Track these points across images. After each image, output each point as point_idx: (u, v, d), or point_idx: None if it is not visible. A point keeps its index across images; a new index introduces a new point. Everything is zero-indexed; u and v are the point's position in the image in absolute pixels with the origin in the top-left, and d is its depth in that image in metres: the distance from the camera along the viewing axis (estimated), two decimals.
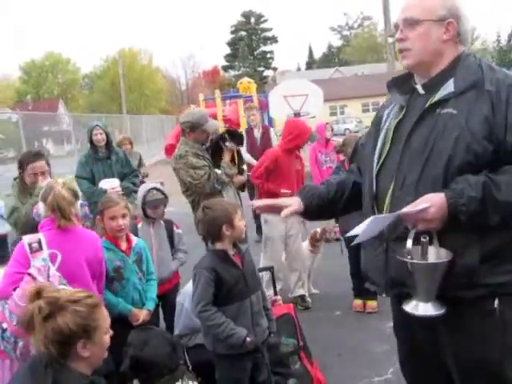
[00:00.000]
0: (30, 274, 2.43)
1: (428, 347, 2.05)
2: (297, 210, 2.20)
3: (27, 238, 2.62)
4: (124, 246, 3.27)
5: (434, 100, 1.86)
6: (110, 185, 4.96)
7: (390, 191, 1.92)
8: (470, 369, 1.92)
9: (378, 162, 2.00)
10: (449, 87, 1.85)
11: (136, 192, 4.89)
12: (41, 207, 2.86)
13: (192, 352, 3.46)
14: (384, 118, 2.07)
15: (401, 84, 2.05)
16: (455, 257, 1.76)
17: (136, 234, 3.57)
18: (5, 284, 2.52)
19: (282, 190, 4.90)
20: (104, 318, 1.79)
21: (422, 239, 1.75)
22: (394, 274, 1.90)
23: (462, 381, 1.96)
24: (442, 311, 1.78)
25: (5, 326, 2.41)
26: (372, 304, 4.74)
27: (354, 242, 1.91)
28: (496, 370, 1.87)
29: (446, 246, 1.78)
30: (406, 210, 1.76)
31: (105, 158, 5.53)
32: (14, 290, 2.41)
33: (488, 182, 1.71)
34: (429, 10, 1.88)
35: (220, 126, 4.88)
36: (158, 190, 3.88)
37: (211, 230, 2.89)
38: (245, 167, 5.16)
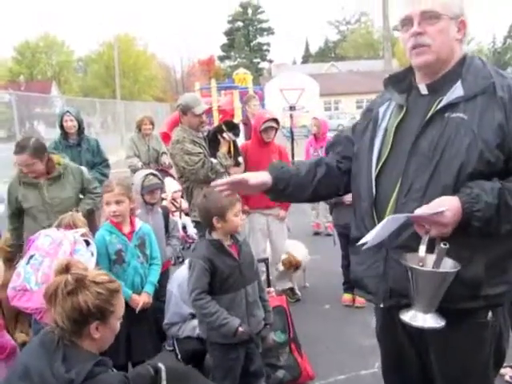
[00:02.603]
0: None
1: (412, 357, 2.01)
2: (264, 181, 2.05)
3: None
4: (127, 230, 3.31)
5: (442, 104, 1.77)
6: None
7: (393, 196, 1.83)
8: (456, 380, 1.90)
9: (377, 164, 1.90)
10: (457, 90, 1.77)
11: (102, 182, 4.90)
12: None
13: (181, 341, 3.50)
14: (380, 116, 1.98)
15: (397, 82, 1.96)
16: (461, 268, 1.69)
17: None
18: None
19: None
20: (120, 305, 1.84)
21: (442, 245, 1.65)
22: (394, 284, 1.83)
23: None
24: (442, 324, 1.70)
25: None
26: (361, 298, 4.79)
27: (366, 246, 1.78)
28: (482, 382, 1.88)
29: (450, 256, 1.69)
30: (421, 211, 1.67)
31: (75, 145, 5.49)
32: None
33: (504, 188, 1.66)
34: (446, 5, 1.78)
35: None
36: (153, 175, 3.94)
37: (204, 219, 2.95)
38: (241, 159, 5.17)
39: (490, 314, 1.81)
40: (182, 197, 6.33)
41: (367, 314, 4.55)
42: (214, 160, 4.47)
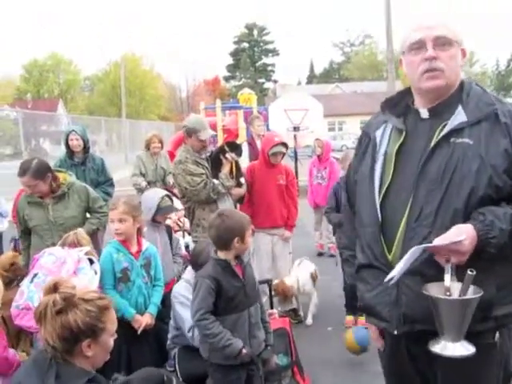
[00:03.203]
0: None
1: (418, 380, 1.99)
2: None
3: None
4: (134, 249, 3.34)
5: (447, 129, 1.80)
6: None
7: (403, 221, 1.82)
8: None
9: (380, 189, 1.90)
10: (460, 116, 1.80)
11: (106, 201, 4.99)
12: None
13: (182, 363, 3.46)
14: (378, 141, 1.98)
15: (394, 105, 1.98)
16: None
17: None
18: None
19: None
20: (112, 321, 1.82)
21: (469, 272, 1.64)
22: (407, 310, 1.81)
23: None
24: (472, 351, 1.68)
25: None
26: (363, 320, 4.75)
27: (394, 280, 1.76)
28: None
29: (462, 280, 1.69)
30: (439, 242, 1.66)
31: (80, 163, 5.52)
32: None
33: None
34: (455, 32, 1.84)
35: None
36: (168, 196, 4.00)
37: (223, 238, 2.87)
38: (243, 180, 5.20)
39: (497, 334, 1.82)
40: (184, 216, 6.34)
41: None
42: (215, 181, 4.50)
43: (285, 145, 5.08)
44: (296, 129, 12.76)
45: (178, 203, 5.04)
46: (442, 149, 1.80)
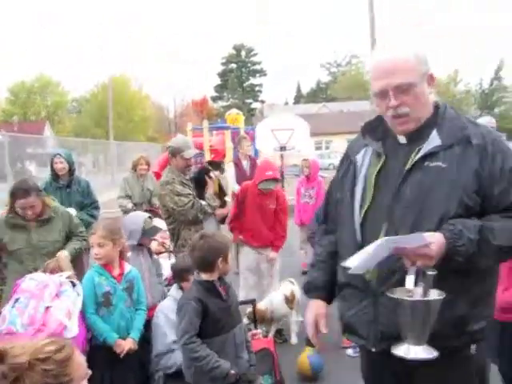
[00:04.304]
0: None
1: None
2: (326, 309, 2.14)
3: None
4: (116, 272, 3.32)
5: (421, 154, 1.86)
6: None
7: None
8: None
9: (360, 212, 1.95)
10: (434, 140, 1.86)
11: (91, 224, 5.02)
12: None
13: None
14: (358, 164, 2.03)
15: (373, 130, 2.04)
16: (447, 306, 1.74)
17: None
18: None
19: (239, 237, 5.15)
20: (79, 367, 1.58)
21: (429, 272, 1.70)
22: (384, 328, 1.86)
23: None
24: (435, 354, 1.72)
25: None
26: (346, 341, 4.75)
27: (351, 272, 1.81)
28: None
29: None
30: (407, 243, 1.71)
31: (65, 186, 5.50)
32: None
33: (484, 226, 1.75)
34: (414, 70, 1.86)
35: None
36: (150, 217, 3.98)
37: (207, 259, 2.88)
38: (228, 198, 5.23)
39: (473, 347, 1.86)
40: None
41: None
42: (202, 201, 4.53)
43: (276, 180, 5.12)
44: (283, 148, 12.84)
45: (160, 222, 5.05)
46: (416, 172, 1.86)
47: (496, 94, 44.95)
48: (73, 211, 4.95)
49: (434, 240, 1.70)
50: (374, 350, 1.93)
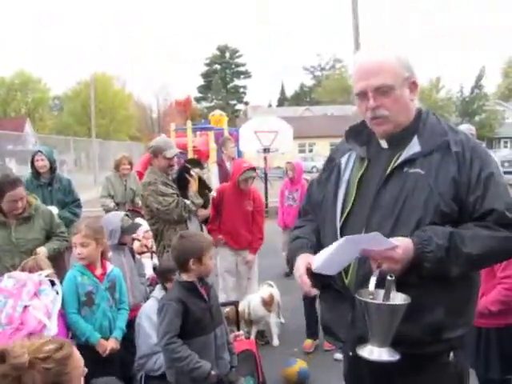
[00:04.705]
0: None
1: None
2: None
3: None
4: (99, 271, 3.30)
5: (401, 160, 1.87)
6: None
7: None
8: None
9: (341, 215, 1.96)
10: (414, 146, 1.87)
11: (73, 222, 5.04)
12: None
13: None
14: (342, 167, 2.04)
15: (357, 134, 2.04)
16: (421, 314, 1.75)
17: None
18: None
19: (219, 237, 5.12)
20: (77, 365, 1.63)
21: (388, 277, 1.71)
22: (362, 332, 1.83)
23: None
24: (396, 357, 1.73)
25: None
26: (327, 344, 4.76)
27: (315, 271, 1.84)
28: None
29: (410, 304, 1.72)
30: (369, 244, 1.73)
31: (46, 184, 5.44)
32: None
33: (454, 233, 1.75)
34: (396, 73, 1.87)
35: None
36: (127, 215, 3.97)
37: (179, 259, 2.92)
38: (214, 193, 5.23)
39: (451, 354, 1.87)
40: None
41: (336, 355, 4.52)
42: (186, 200, 4.51)
43: (254, 169, 5.20)
44: (266, 150, 12.90)
45: (140, 220, 5.03)
46: (394, 178, 1.87)
47: (476, 103, 45.52)
48: (54, 209, 4.90)
49: (400, 244, 1.71)
50: (351, 353, 1.94)
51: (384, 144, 1.97)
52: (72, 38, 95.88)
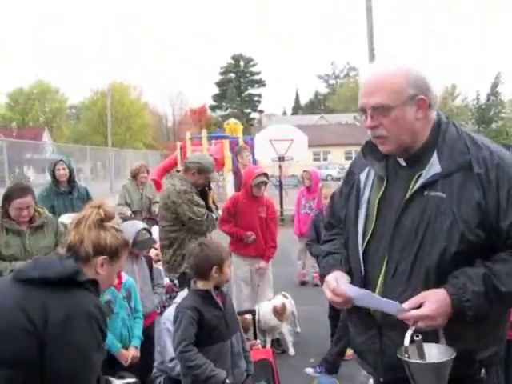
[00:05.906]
0: None
1: None
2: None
3: None
4: (115, 281, 3.29)
5: (420, 183, 1.75)
6: (71, 220, 4.92)
7: (380, 277, 1.81)
8: None
9: (363, 239, 1.88)
10: (434, 166, 1.74)
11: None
12: None
13: None
14: (362, 186, 1.94)
15: (374, 149, 1.90)
16: (454, 342, 1.67)
17: None
18: None
19: (248, 233, 5.10)
20: (123, 261, 2.05)
21: (415, 337, 1.62)
22: (390, 360, 1.77)
23: None
24: None
25: None
26: (348, 351, 4.74)
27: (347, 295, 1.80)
28: None
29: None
30: (401, 313, 1.66)
31: (66, 192, 5.56)
32: None
33: (488, 273, 1.64)
34: (397, 92, 1.73)
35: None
36: (146, 229, 3.93)
37: (201, 267, 2.90)
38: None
39: (483, 370, 1.81)
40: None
41: (353, 366, 4.49)
42: (213, 214, 4.57)
43: (266, 174, 5.21)
44: (281, 159, 12.92)
45: (157, 229, 5.02)
46: (415, 202, 1.76)
47: (493, 110, 45.09)
48: (59, 223, 4.94)
49: (428, 299, 1.64)
50: (381, 379, 1.91)
51: (402, 162, 1.85)
52: (89, 44, 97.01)
